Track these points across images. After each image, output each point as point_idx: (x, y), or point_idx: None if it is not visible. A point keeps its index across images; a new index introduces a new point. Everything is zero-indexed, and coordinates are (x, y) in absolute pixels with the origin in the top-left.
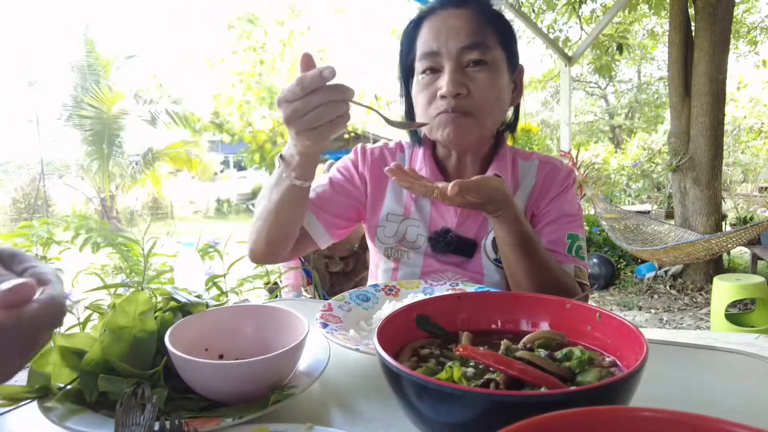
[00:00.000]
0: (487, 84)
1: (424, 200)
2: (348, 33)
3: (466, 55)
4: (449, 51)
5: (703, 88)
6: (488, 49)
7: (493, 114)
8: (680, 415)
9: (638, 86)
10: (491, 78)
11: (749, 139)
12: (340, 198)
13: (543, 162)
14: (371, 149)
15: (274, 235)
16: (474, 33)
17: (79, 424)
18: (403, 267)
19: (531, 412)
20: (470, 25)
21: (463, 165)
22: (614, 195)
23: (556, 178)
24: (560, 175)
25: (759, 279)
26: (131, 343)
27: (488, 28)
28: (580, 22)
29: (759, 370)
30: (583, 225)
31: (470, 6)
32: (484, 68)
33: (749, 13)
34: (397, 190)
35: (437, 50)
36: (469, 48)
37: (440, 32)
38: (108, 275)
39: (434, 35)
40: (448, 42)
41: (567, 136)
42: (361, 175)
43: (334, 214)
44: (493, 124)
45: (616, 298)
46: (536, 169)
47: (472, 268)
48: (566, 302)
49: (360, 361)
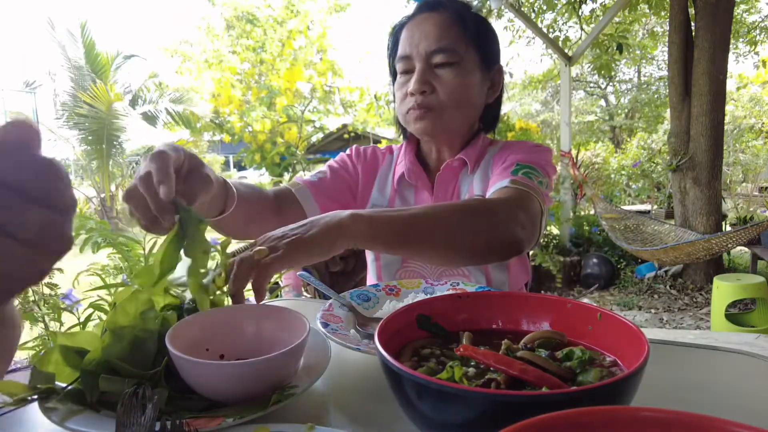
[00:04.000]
0: (452, 83)
1: (408, 191)
2: (348, 33)
3: (435, 57)
4: (419, 53)
5: (703, 88)
6: (455, 53)
7: (459, 109)
8: (680, 415)
9: (638, 86)
10: (458, 77)
11: (749, 139)
12: (335, 182)
13: (508, 144)
14: (365, 149)
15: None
16: (442, 37)
17: (79, 424)
18: (384, 256)
19: (532, 412)
20: (439, 29)
21: (442, 158)
22: (614, 195)
23: (520, 144)
24: (526, 144)
25: (759, 279)
26: (132, 343)
27: (458, 31)
28: (580, 22)
29: (759, 370)
30: (541, 163)
31: (443, 9)
32: (451, 69)
33: (749, 13)
34: (381, 182)
35: (409, 54)
36: (436, 51)
37: (413, 37)
38: (108, 275)
39: (408, 40)
40: (418, 45)
41: (567, 136)
42: (355, 165)
43: (328, 196)
44: (460, 118)
45: (616, 298)
46: (499, 149)
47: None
48: (567, 302)
49: (361, 361)
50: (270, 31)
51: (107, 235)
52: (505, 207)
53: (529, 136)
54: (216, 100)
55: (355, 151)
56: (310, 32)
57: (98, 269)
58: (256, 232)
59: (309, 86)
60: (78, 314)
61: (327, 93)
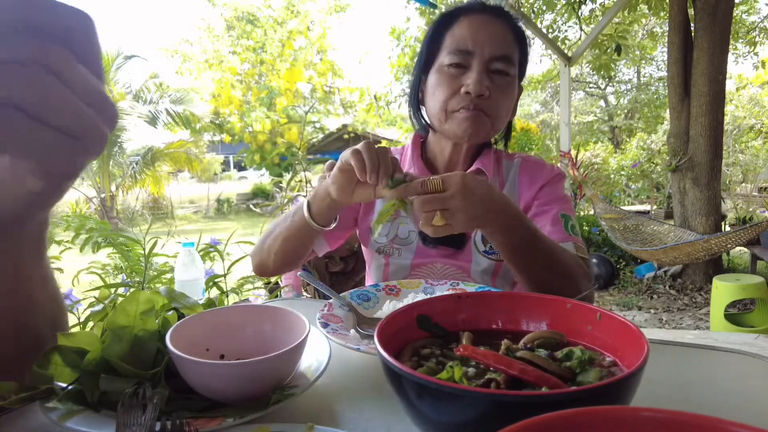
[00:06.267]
0: (504, 92)
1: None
2: (348, 33)
3: (494, 63)
4: (482, 54)
5: (702, 88)
6: (512, 64)
7: (502, 120)
8: (680, 415)
9: (638, 86)
10: (509, 89)
11: (749, 139)
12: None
13: (525, 159)
14: None
15: (283, 259)
16: (506, 45)
17: (80, 424)
18: (394, 262)
19: (532, 411)
20: (505, 37)
21: (452, 164)
22: (614, 195)
23: (542, 170)
24: (545, 169)
25: (758, 279)
26: (132, 342)
27: (515, 45)
28: (579, 23)
29: (759, 370)
30: (573, 210)
31: (506, 20)
32: (505, 79)
33: (748, 14)
34: None
35: (471, 50)
36: (499, 59)
37: (478, 34)
38: (108, 275)
39: (472, 35)
40: (483, 46)
41: (566, 137)
42: None
43: (331, 234)
44: (497, 128)
45: (615, 298)
46: (518, 167)
47: (461, 258)
48: (567, 302)
49: (360, 361)
50: (270, 31)
51: (107, 235)
52: (584, 283)
53: (529, 137)
54: (216, 101)
55: None
56: (310, 33)
57: (98, 268)
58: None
59: (309, 87)
60: (78, 314)
61: (327, 93)
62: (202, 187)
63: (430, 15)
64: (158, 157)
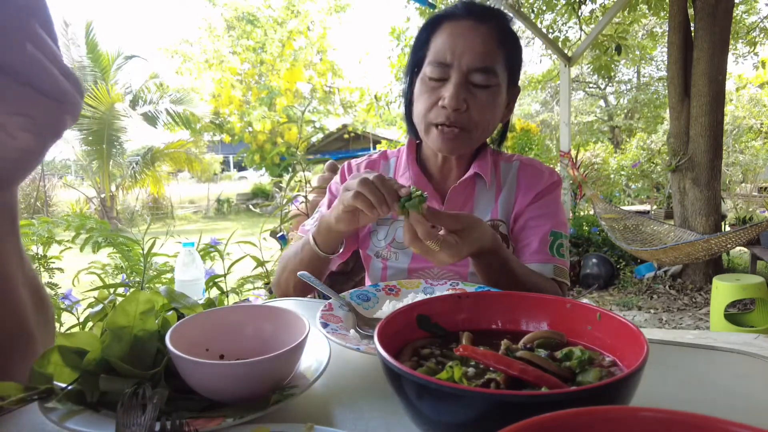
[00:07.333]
0: (485, 105)
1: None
2: (347, 33)
3: (474, 76)
4: (459, 66)
5: (702, 88)
6: (494, 75)
7: (485, 131)
8: (680, 415)
9: (638, 87)
10: (490, 99)
11: (749, 139)
12: None
13: (524, 163)
14: (357, 164)
15: (303, 289)
16: (486, 56)
17: (79, 424)
18: (391, 266)
19: (531, 411)
20: (485, 46)
21: (447, 168)
22: (614, 195)
23: (540, 178)
24: (543, 175)
25: (758, 279)
26: (132, 343)
27: (500, 51)
28: (579, 23)
29: (759, 370)
30: (566, 223)
31: (491, 23)
32: (487, 91)
33: (748, 14)
34: None
35: (449, 62)
36: (478, 71)
37: (456, 45)
38: (108, 275)
39: (450, 47)
40: (461, 58)
41: (566, 137)
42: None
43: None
44: (482, 138)
45: (615, 298)
46: (517, 171)
47: (458, 263)
48: (567, 302)
49: (360, 361)
50: (270, 31)
51: (107, 235)
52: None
53: (529, 137)
54: (216, 101)
55: (348, 171)
56: (310, 33)
57: (98, 268)
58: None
59: (309, 87)
60: (77, 314)
61: (327, 93)
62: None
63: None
64: (158, 157)
